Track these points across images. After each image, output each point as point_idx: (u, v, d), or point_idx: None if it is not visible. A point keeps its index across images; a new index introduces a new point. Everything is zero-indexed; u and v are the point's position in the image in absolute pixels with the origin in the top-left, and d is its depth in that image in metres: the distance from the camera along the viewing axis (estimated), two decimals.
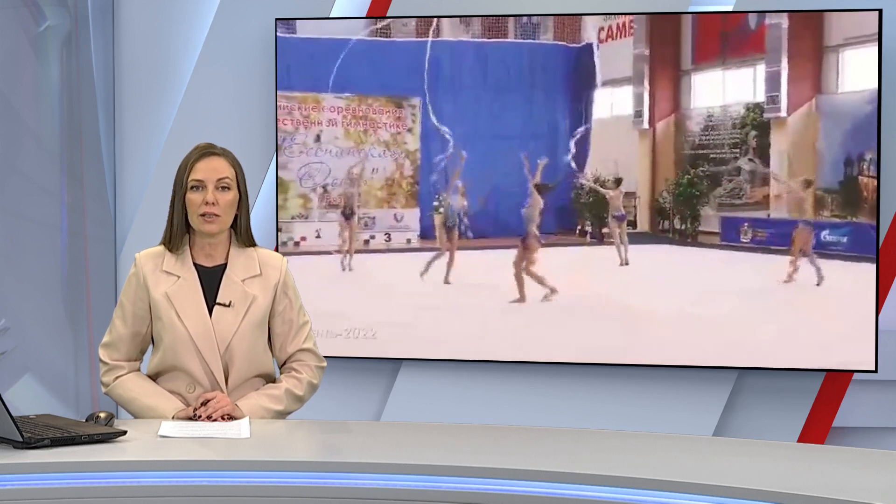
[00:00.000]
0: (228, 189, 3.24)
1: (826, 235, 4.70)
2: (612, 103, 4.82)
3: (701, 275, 4.82)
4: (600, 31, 4.79)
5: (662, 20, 4.77)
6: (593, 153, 4.84)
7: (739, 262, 4.77)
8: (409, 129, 4.90)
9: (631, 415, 4.89)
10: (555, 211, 4.89)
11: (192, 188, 3.23)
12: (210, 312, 3.25)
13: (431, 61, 4.88)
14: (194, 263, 3.29)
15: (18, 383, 5.04)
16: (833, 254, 4.70)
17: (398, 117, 4.90)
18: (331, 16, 5.05)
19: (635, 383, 4.94)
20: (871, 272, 4.66)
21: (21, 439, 2.74)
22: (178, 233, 3.27)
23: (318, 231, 4.96)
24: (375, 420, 5.03)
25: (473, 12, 4.94)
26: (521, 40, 4.84)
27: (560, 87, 4.85)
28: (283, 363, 3.38)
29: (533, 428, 3.23)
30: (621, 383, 4.95)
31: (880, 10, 4.63)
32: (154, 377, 3.31)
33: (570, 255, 4.89)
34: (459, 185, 4.94)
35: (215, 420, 3.13)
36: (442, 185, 4.94)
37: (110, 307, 5.01)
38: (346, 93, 4.91)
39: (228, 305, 3.26)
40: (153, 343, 3.34)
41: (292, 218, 4.98)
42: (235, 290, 3.27)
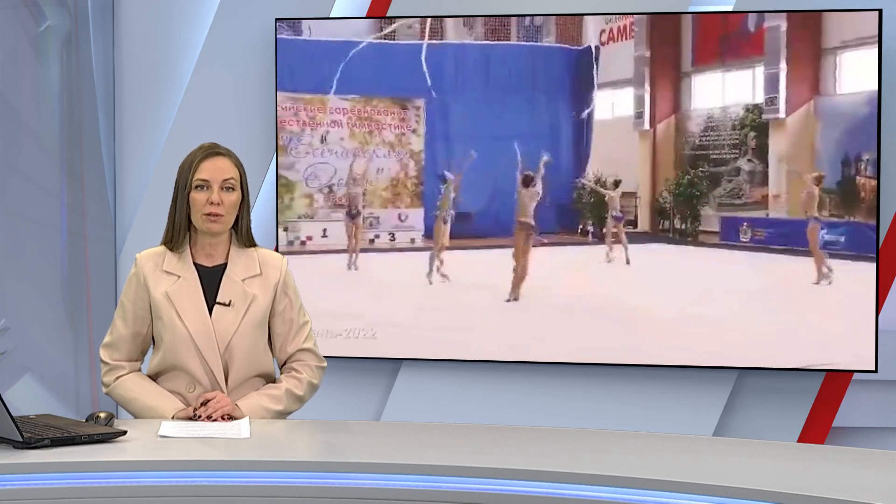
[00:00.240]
0: (233, 190, 3.24)
1: (824, 235, 4.72)
2: (613, 104, 4.85)
3: (701, 274, 4.83)
4: (602, 34, 4.81)
5: (663, 23, 4.78)
6: (595, 154, 4.87)
7: (739, 261, 4.78)
8: (413, 130, 4.93)
9: (631, 415, 4.89)
10: (556, 211, 4.90)
11: (196, 188, 3.23)
12: (210, 312, 3.25)
13: (435, 63, 4.91)
14: (194, 263, 3.29)
15: (18, 383, 5.03)
16: (832, 253, 4.72)
17: (402, 118, 4.92)
18: (331, 16, 5.05)
19: (635, 383, 4.94)
20: (871, 272, 4.67)
21: (21, 439, 2.74)
22: (180, 232, 3.27)
23: (325, 230, 4.99)
24: (375, 420, 5.03)
25: (474, 12, 4.94)
26: (524, 42, 4.86)
27: (562, 88, 4.87)
28: (284, 363, 3.38)
29: (533, 428, 3.23)
30: (621, 383, 4.95)
31: (880, 10, 4.64)
32: (154, 377, 3.31)
33: (571, 254, 4.90)
34: (461, 185, 4.95)
35: (215, 420, 3.13)
36: (445, 185, 4.95)
37: (110, 307, 5.01)
38: (351, 94, 4.94)
39: (228, 305, 3.26)
40: (154, 343, 3.34)
41: (298, 217, 5.00)
42: (235, 290, 3.27)
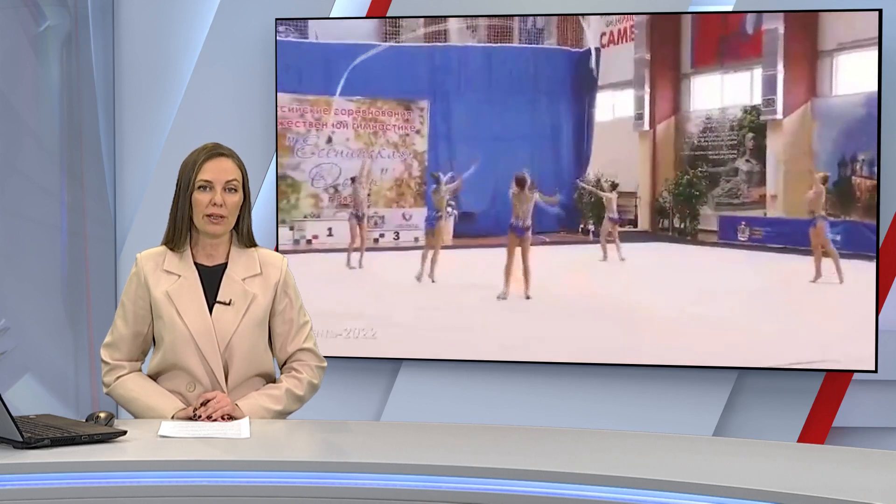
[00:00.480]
0: (235, 191, 3.24)
1: (812, 233, 4.75)
2: (613, 106, 4.88)
3: (700, 274, 4.84)
4: (602, 36, 4.84)
5: (663, 26, 4.80)
6: (595, 154, 4.89)
7: (738, 260, 4.80)
8: (417, 131, 4.96)
9: (631, 415, 4.89)
10: (557, 210, 4.91)
11: (199, 188, 3.22)
12: (210, 311, 3.25)
13: (439, 65, 4.94)
14: (195, 262, 3.29)
15: (18, 383, 5.03)
16: (829, 252, 4.73)
17: (406, 119, 4.95)
18: (331, 16, 5.05)
19: (635, 383, 4.94)
20: (870, 272, 4.67)
21: (21, 439, 2.74)
22: (182, 232, 3.27)
23: (330, 229, 5.02)
24: (375, 420, 5.03)
25: (474, 12, 4.95)
26: (526, 45, 4.89)
27: (563, 90, 4.89)
28: (284, 363, 3.38)
29: (533, 428, 3.23)
30: (621, 383, 4.95)
31: (880, 10, 4.64)
32: (154, 377, 3.31)
33: (571, 254, 4.91)
34: (462, 186, 4.97)
35: (215, 420, 3.13)
36: (448, 185, 4.97)
37: (110, 307, 5.01)
38: (356, 96, 4.97)
39: (229, 304, 3.26)
40: (154, 343, 3.34)
41: (304, 217, 5.02)
42: (236, 289, 3.27)
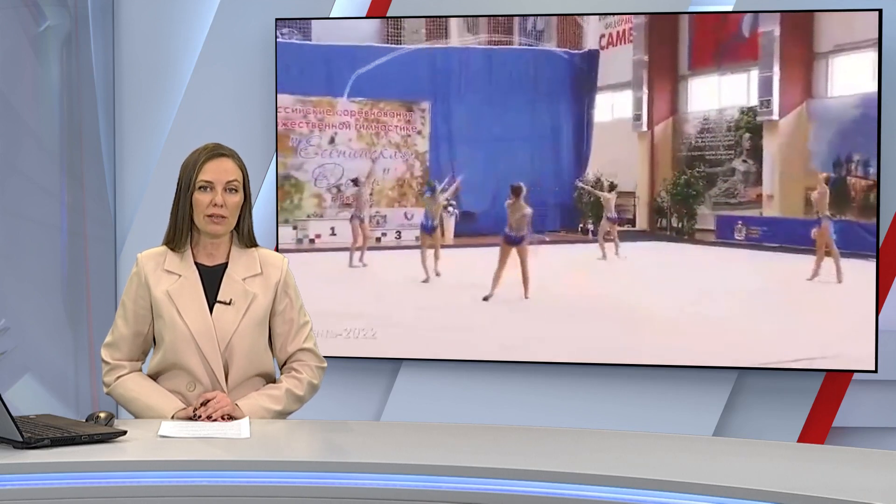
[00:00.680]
0: (236, 191, 3.24)
1: (815, 233, 4.75)
2: (612, 107, 4.90)
3: (700, 273, 4.85)
4: (601, 38, 4.87)
5: (661, 28, 4.82)
6: (595, 154, 4.91)
7: (736, 259, 4.81)
8: (418, 132, 4.99)
9: (631, 415, 4.89)
10: (558, 210, 4.93)
11: (200, 188, 3.22)
12: (211, 310, 3.25)
13: (440, 66, 4.97)
14: (196, 262, 3.29)
15: (18, 383, 5.03)
16: (829, 252, 4.74)
17: (408, 120, 4.97)
18: (331, 16, 5.06)
19: (635, 383, 4.94)
20: (870, 272, 4.67)
21: (21, 439, 2.74)
22: (182, 232, 3.27)
23: (333, 229, 5.05)
24: (375, 420, 5.03)
25: (474, 13, 4.95)
26: (526, 47, 4.90)
27: (563, 91, 4.91)
28: (284, 363, 3.38)
29: (533, 428, 3.23)
30: (621, 383, 4.95)
31: (880, 10, 4.64)
32: (155, 376, 3.31)
33: (571, 253, 4.92)
34: (462, 187, 4.98)
35: (215, 420, 3.13)
36: (449, 185, 4.98)
37: (110, 307, 5.01)
38: (359, 97, 5.00)
39: (229, 303, 3.26)
40: (154, 343, 3.34)
41: (307, 217, 5.03)
42: (236, 289, 3.27)
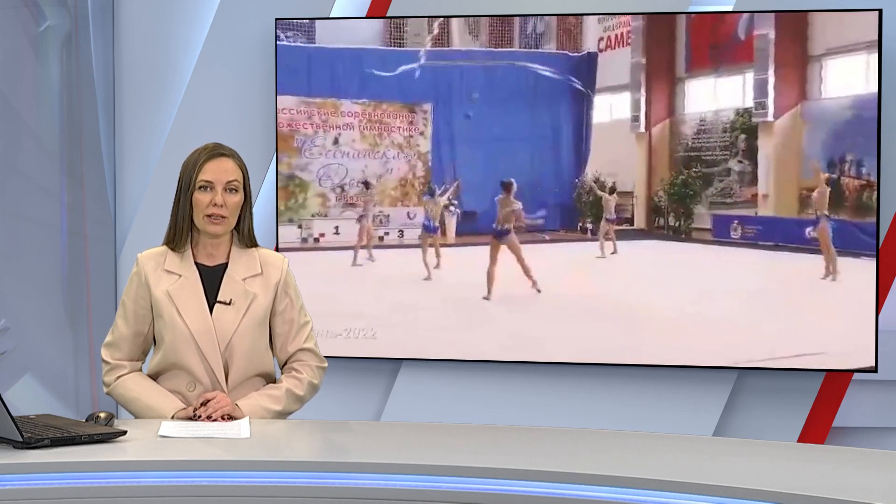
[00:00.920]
0: (236, 191, 3.24)
1: (811, 232, 4.78)
2: (611, 108, 4.93)
3: (699, 273, 4.87)
4: (600, 41, 4.91)
5: (658, 31, 4.84)
6: (593, 155, 4.93)
7: (734, 259, 4.84)
8: (421, 133, 5.02)
9: (631, 415, 4.89)
10: (557, 210, 4.95)
11: (200, 188, 3.22)
12: (211, 310, 3.25)
13: (442, 68, 4.98)
14: (196, 262, 3.29)
15: (18, 383, 5.04)
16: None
17: (411, 122, 5.00)
18: (331, 16, 5.06)
19: (635, 383, 4.94)
20: (869, 271, 4.68)
21: (21, 439, 2.74)
22: (182, 232, 3.27)
23: (336, 228, 5.09)
24: (375, 420, 5.03)
25: (474, 13, 4.96)
26: (526, 49, 4.93)
27: (562, 93, 4.93)
28: (284, 363, 3.37)
29: (533, 428, 3.23)
30: (621, 383, 4.96)
31: (880, 10, 4.64)
32: (155, 376, 3.31)
33: (570, 252, 4.94)
34: (463, 186, 4.99)
35: (215, 420, 3.13)
36: (450, 185, 5.00)
37: (110, 307, 5.01)
38: (363, 99, 5.03)
39: (229, 303, 3.26)
40: (154, 343, 3.34)
41: (312, 216, 5.04)
42: (236, 289, 3.27)
